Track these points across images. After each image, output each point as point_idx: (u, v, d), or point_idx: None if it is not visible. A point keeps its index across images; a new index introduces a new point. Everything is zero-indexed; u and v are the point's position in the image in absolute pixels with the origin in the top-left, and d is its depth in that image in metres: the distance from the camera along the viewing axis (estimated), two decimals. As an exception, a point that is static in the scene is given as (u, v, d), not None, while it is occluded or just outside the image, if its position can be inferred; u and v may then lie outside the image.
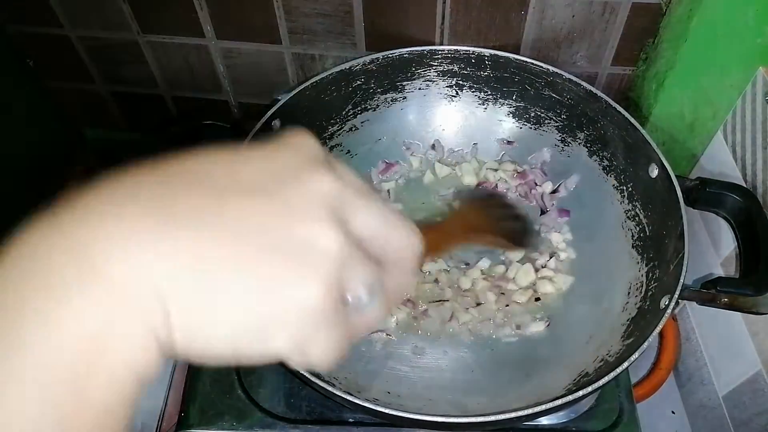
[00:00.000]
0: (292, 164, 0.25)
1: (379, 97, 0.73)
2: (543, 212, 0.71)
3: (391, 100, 0.73)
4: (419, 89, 0.73)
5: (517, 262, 0.68)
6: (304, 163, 0.25)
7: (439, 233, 0.46)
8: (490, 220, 0.56)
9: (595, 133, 0.68)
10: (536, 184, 0.72)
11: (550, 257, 0.68)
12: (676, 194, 0.58)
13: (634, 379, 0.73)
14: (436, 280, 0.67)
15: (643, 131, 0.62)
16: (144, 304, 0.21)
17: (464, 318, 0.64)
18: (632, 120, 0.63)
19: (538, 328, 0.64)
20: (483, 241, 0.57)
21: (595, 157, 0.69)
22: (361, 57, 0.69)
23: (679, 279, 0.53)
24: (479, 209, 0.57)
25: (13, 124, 0.81)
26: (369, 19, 0.67)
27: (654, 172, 0.61)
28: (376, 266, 0.26)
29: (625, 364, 0.50)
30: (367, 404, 0.49)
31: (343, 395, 0.49)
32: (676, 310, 0.77)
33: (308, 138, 0.27)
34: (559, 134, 0.72)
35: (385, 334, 0.64)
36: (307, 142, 0.26)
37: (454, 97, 0.74)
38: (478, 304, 0.65)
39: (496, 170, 0.74)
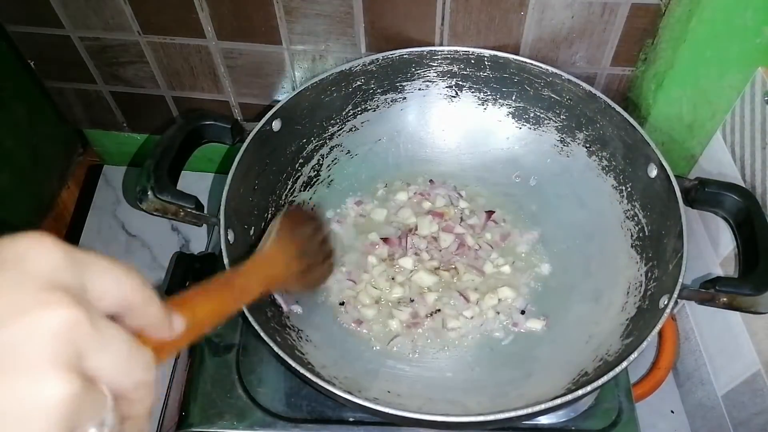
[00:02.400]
0: (15, 293, 0.21)
1: (379, 98, 0.73)
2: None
3: (391, 101, 0.74)
4: (419, 90, 0.73)
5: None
6: (30, 289, 0.21)
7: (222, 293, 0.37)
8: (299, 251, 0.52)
9: (594, 133, 0.68)
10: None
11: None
12: (675, 194, 0.58)
13: (633, 379, 0.73)
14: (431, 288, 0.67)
15: (642, 131, 0.62)
16: None
17: (458, 323, 0.65)
18: (631, 120, 0.63)
19: (535, 325, 0.64)
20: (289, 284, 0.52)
21: (594, 157, 0.69)
22: (361, 58, 0.69)
23: (678, 278, 0.53)
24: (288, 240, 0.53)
25: (13, 124, 0.81)
26: (369, 19, 0.67)
27: (653, 172, 0.61)
28: (112, 401, 0.24)
29: (624, 364, 0.50)
30: (367, 403, 0.49)
31: (344, 394, 0.50)
32: (675, 310, 0.77)
33: (37, 245, 0.22)
34: (559, 134, 0.72)
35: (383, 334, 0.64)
36: (33, 254, 0.22)
37: (454, 97, 0.74)
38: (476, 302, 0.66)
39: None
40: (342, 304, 0.66)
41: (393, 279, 0.68)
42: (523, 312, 0.66)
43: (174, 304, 0.30)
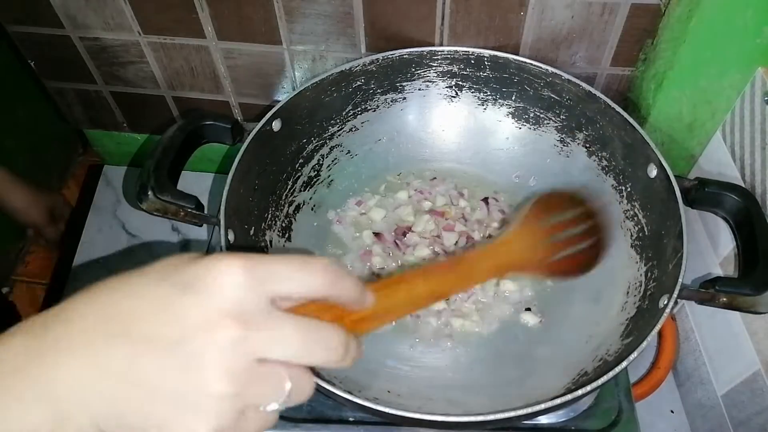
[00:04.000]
0: (197, 315, 0.27)
1: (379, 98, 0.73)
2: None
3: (391, 101, 0.74)
4: (419, 90, 0.73)
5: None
6: (210, 314, 0.27)
7: (458, 268, 0.40)
8: (549, 240, 0.48)
9: (594, 133, 0.68)
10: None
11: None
12: (675, 194, 0.58)
13: (633, 379, 0.73)
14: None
15: (641, 131, 0.62)
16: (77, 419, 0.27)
17: (461, 321, 0.65)
18: (631, 120, 0.63)
19: (535, 324, 0.64)
20: (530, 272, 0.49)
21: (594, 157, 0.69)
22: (361, 58, 0.69)
23: (677, 278, 0.53)
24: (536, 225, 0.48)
25: (13, 124, 0.81)
26: (369, 19, 0.67)
27: (653, 172, 0.61)
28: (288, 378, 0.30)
29: (624, 364, 0.50)
30: (367, 403, 0.49)
31: (344, 394, 0.50)
32: (675, 310, 0.77)
33: (221, 275, 0.28)
34: (558, 135, 0.72)
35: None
36: (218, 283, 0.28)
37: (454, 97, 0.74)
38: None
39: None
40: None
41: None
42: (524, 311, 0.65)
43: (375, 284, 0.34)
